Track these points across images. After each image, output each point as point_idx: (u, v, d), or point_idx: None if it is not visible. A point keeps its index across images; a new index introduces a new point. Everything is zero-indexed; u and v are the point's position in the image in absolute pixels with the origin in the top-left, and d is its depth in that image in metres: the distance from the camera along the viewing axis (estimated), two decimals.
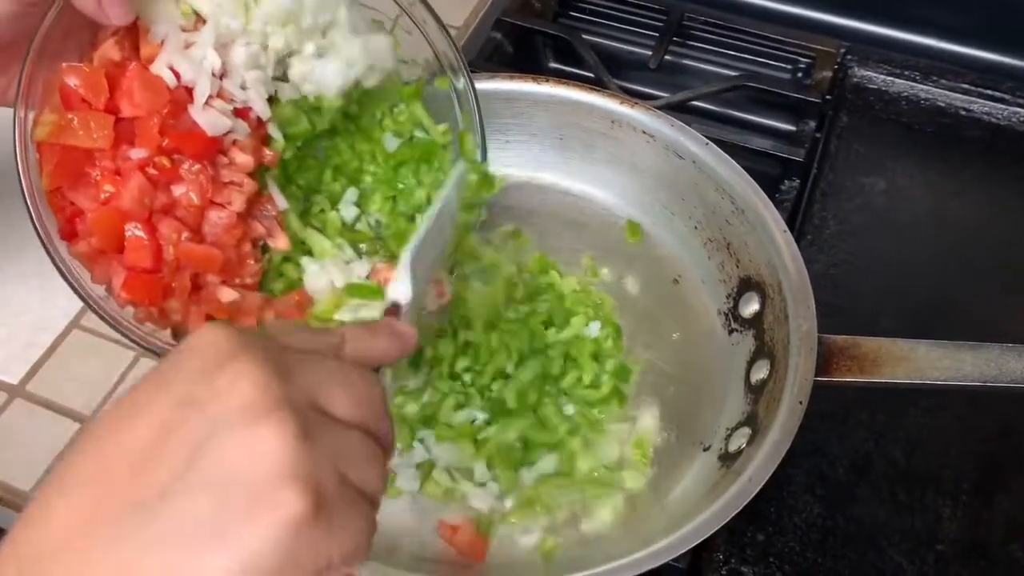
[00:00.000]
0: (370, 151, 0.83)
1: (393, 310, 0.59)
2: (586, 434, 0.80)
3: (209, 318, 0.72)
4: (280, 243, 0.76)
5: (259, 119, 0.74)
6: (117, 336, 0.89)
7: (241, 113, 0.72)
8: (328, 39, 0.75)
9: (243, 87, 0.72)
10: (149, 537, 0.40)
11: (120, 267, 0.69)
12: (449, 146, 0.84)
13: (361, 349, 0.51)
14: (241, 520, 0.40)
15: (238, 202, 0.71)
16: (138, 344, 0.72)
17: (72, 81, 0.66)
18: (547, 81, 0.94)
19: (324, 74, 0.75)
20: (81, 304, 0.91)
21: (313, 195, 0.81)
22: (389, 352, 0.54)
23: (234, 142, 0.72)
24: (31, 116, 0.66)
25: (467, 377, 0.81)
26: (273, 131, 0.75)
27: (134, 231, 0.68)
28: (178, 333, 0.73)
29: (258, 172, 0.74)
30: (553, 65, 1.20)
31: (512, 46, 1.14)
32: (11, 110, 0.67)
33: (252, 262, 0.74)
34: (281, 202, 0.76)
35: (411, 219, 0.84)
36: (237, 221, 0.72)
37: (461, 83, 0.82)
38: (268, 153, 0.74)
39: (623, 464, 0.80)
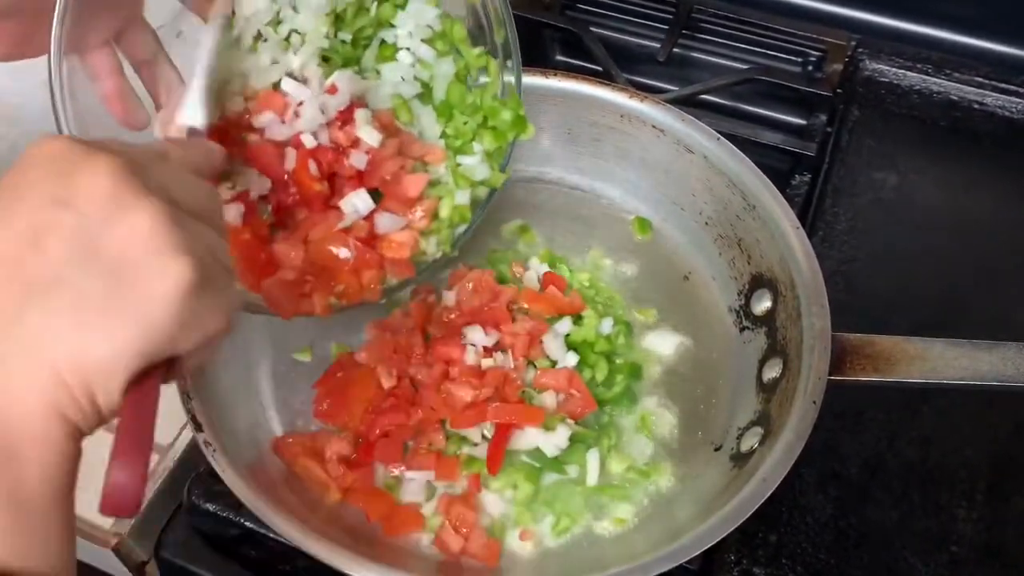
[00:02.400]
0: None
1: (192, 134, 0.61)
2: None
3: None
4: (436, 156, 0.80)
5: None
6: None
7: None
8: None
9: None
10: (52, 312, 0.42)
11: None
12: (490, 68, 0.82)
13: (182, 156, 0.54)
14: (137, 292, 0.44)
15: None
16: None
17: None
18: (555, 75, 0.93)
19: None
20: None
21: None
22: (205, 163, 0.57)
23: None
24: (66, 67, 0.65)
25: None
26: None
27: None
28: None
29: None
30: (560, 58, 1.18)
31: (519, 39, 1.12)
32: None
33: None
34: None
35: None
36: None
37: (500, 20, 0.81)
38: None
39: (663, 462, 0.79)
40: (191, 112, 0.60)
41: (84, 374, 0.43)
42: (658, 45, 1.11)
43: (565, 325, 0.83)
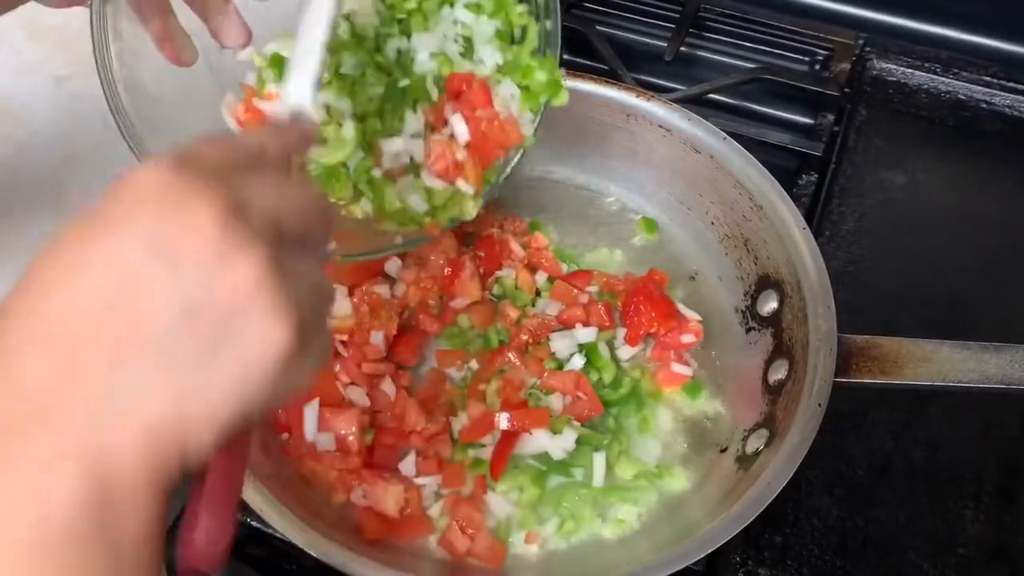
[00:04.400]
0: None
1: (297, 118, 0.56)
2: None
3: None
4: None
5: None
6: None
7: None
8: None
9: None
10: (148, 371, 0.41)
11: None
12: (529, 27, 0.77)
13: (280, 148, 0.51)
14: (235, 356, 0.42)
15: None
16: None
17: None
18: (561, 74, 0.92)
19: None
20: None
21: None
22: (300, 145, 0.54)
23: None
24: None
25: None
26: None
27: None
28: None
29: None
30: (567, 57, 1.17)
31: None
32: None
33: None
34: None
35: None
36: None
37: None
38: None
39: (668, 464, 0.79)
40: (300, 92, 0.56)
41: (179, 436, 0.42)
42: (665, 44, 1.11)
43: (585, 333, 0.83)
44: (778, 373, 0.79)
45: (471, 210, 0.75)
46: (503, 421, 0.77)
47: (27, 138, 1.03)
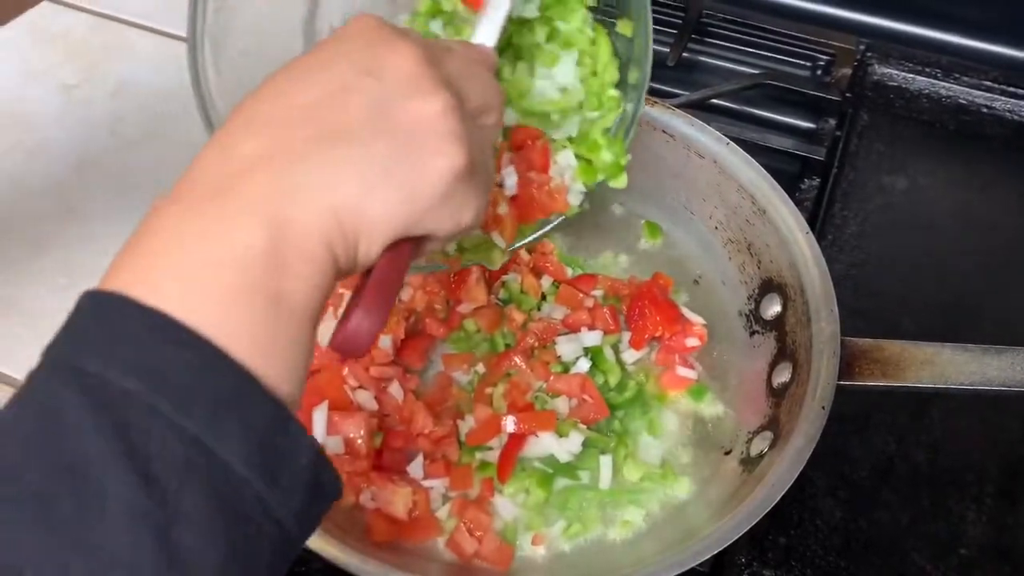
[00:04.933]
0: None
1: None
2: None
3: None
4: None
5: None
6: None
7: None
8: None
9: None
10: (340, 160, 0.46)
11: None
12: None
13: (466, 55, 0.58)
14: (415, 165, 0.48)
15: None
16: None
17: None
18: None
19: None
20: None
21: None
22: (483, 60, 0.60)
23: None
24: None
25: None
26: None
27: None
28: None
29: None
30: None
31: None
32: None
33: None
34: None
35: None
36: None
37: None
38: None
39: (673, 467, 0.80)
40: (485, 34, 0.64)
41: (357, 223, 0.46)
42: (667, 50, 1.12)
43: (591, 337, 0.84)
44: (782, 376, 0.80)
45: (497, 261, 0.75)
46: (510, 424, 0.78)
47: (35, 145, 1.04)
